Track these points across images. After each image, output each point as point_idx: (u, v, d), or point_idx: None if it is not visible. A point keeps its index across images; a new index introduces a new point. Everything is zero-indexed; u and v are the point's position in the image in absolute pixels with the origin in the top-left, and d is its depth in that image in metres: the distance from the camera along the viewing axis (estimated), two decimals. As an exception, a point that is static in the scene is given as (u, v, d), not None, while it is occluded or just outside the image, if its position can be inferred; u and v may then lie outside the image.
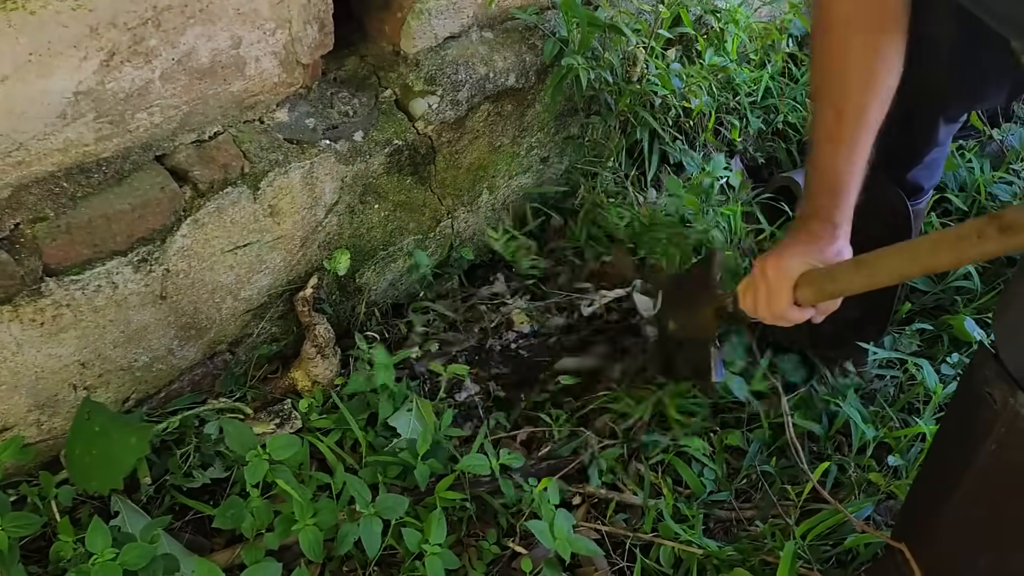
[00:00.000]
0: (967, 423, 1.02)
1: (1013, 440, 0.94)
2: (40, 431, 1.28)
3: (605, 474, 1.52)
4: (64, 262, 1.16)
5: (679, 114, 1.76)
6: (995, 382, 0.95)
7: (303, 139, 1.36)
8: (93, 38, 1.06)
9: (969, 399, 1.03)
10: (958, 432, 1.07)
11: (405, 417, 1.49)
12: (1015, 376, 0.92)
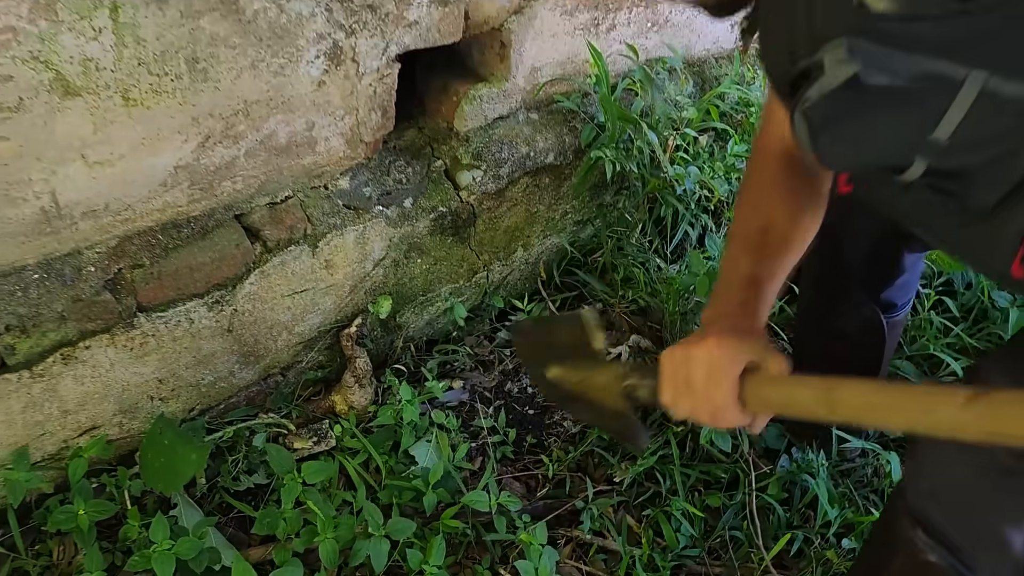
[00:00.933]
0: (879, 547, 1.16)
1: (912, 572, 1.08)
2: (121, 431, 1.54)
3: (596, 519, 1.71)
4: (153, 301, 1.41)
5: (701, 197, 1.93)
6: (903, 514, 1.09)
7: (359, 205, 1.59)
8: (193, 126, 1.30)
9: (884, 525, 1.16)
10: (872, 554, 1.21)
11: (424, 447, 1.71)
12: (914, 512, 1.07)
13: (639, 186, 1.84)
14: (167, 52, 1.19)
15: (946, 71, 0.71)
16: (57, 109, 1.15)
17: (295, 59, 1.33)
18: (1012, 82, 0.70)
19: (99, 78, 1.15)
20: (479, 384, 1.95)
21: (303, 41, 1.31)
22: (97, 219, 1.30)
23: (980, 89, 0.71)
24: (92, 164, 1.23)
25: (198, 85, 1.25)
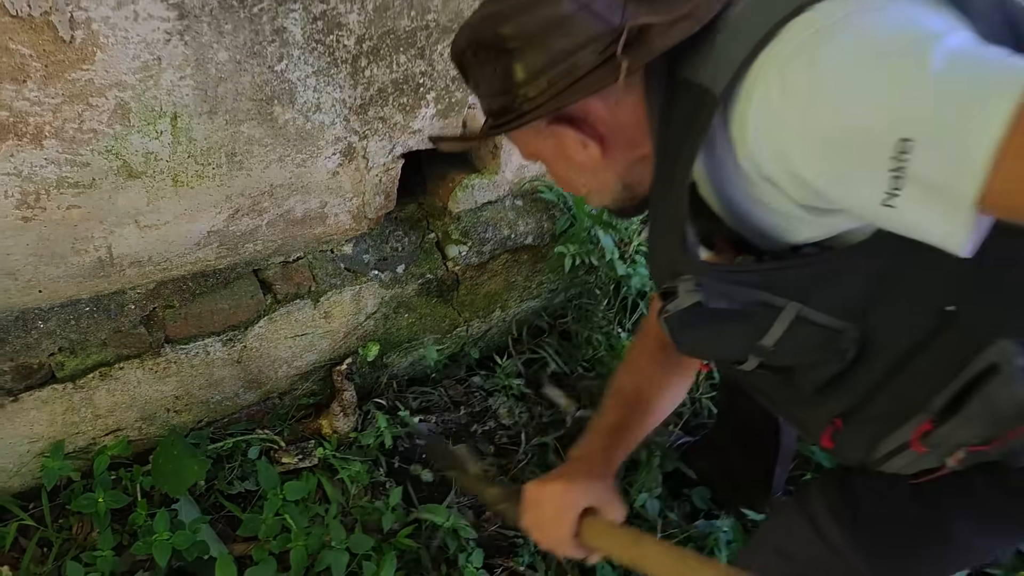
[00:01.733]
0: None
1: None
2: (140, 434, 1.85)
3: (532, 554, 1.99)
4: (179, 335, 1.72)
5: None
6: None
7: (358, 269, 1.89)
8: (227, 202, 1.60)
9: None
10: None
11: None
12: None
13: (603, 273, 2.13)
14: (212, 148, 1.49)
15: (770, 300, 0.99)
16: (120, 187, 1.45)
17: (315, 155, 1.62)
18: (819, 313, 0.97)
19: (156, 166, 1.46)
20: (449, 420, 2.24)
21: (323, 142, 1.61)
22: (141, 267, 1.61)
23: (796, 314, 0.98)
24: (143, 227, 1.54)
25: (234, 172, 1.55)
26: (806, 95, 0.74)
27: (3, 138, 1.27)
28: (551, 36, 0.97)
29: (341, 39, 1.45)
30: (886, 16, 0.73)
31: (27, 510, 1.78)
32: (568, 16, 0.96)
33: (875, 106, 0.69)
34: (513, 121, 1.01)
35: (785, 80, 0.76)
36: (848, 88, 0.71)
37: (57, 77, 1.24)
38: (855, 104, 0.70)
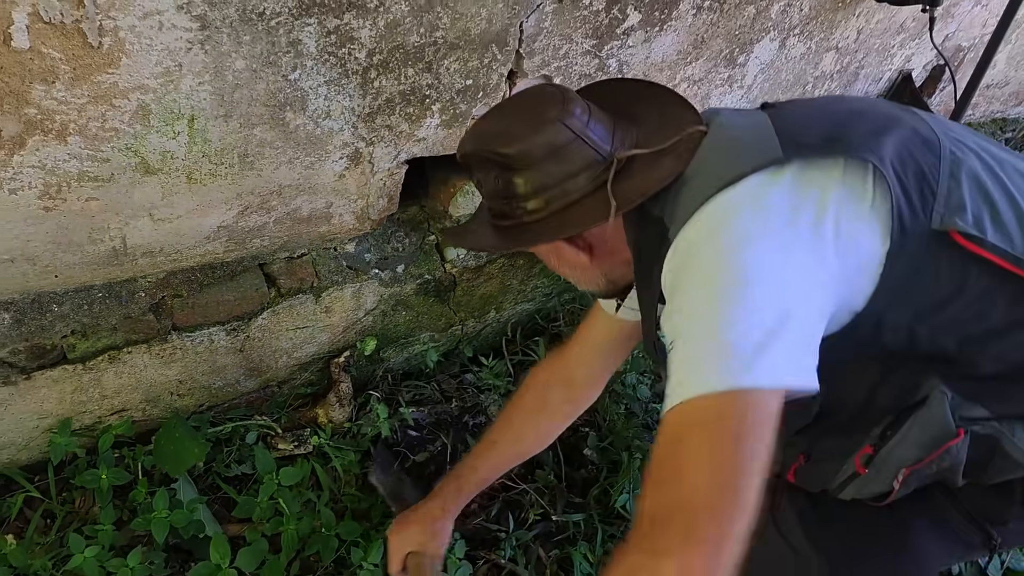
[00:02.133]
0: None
1: None
2: (143, 415, 1.93)
3: (514, 548, 2.08)
4: (185, 323, 1.80)
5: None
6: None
7: (359, 267, 1.96)
8: (237, 199, 1.68)
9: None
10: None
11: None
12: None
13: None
14: (225, 149, 1.57)
15: None
16: (137, 182, 1.53)
17: (323, 158, 1.70)
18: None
19: (172, 164, 1.53)
20: (443, 412, 2.32)
21: (331, 147, 1.68)
22: (153, 258, 1.69)
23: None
24: (156, 220, 1.62)
25: (245, 172, 1.63)
26: (678, 274, 1.03)
27: (30, 134, 1.34)
28: (549, 162, 1.16)
29: (353, 52, 1.52)
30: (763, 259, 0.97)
31: (33, 482, 1.86)
32: (564, 145, 1.16)
33: (687, 309, 0.99)
34: (523, 235, 1.21)
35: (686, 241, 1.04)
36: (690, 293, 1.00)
37: (84, 79, 1.31)
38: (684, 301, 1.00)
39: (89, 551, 1.69)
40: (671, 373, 0.96)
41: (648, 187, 1.12)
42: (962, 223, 1.02)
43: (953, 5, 2.42)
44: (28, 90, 1.29)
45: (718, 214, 1.02)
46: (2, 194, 1.40)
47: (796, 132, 1.08)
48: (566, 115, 1.16)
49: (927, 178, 1.05)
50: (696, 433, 0.90)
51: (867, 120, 1.11)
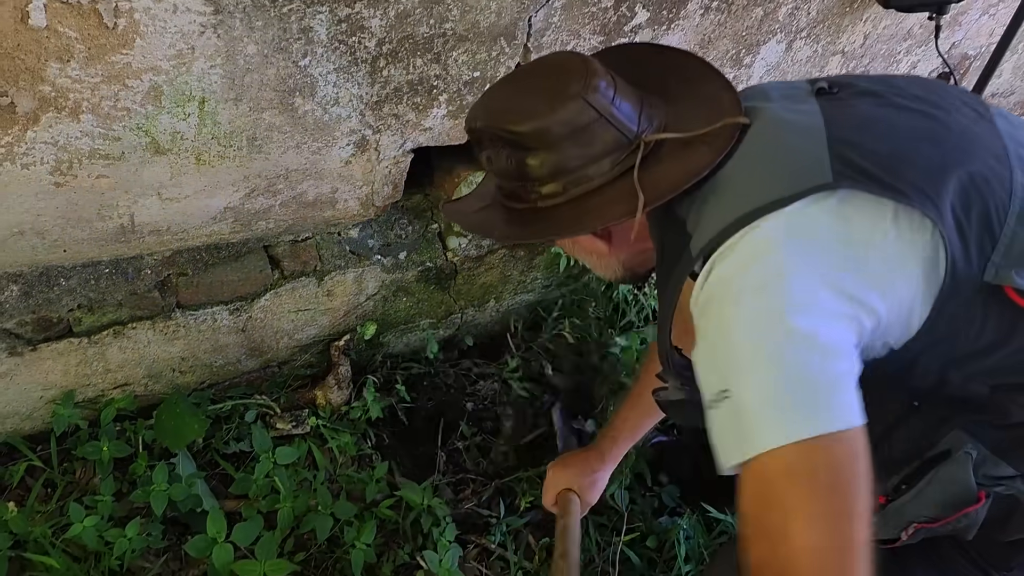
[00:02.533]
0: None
1: None
2: (145, 390, 1.97)
3: (504, 534, 2.11)
4: (189, 302, 1.83)
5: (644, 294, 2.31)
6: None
7: (362, 253, 1.99)
8: (244, 182, 1.71)
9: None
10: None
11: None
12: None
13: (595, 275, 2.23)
14: (234, 132, 1.59)
15: None
16: (147, 161, 1.56)
17: (330, 144, 1.72)
18: None
19: (181, 144, 1.56)
20: (442, 399, 2.35)
21: (339, 133, 1.71)
22: (160, 236, 1.72)
23: None
24: (164, 199, 1.65)
25: (253, 155, 1.66)
26: (725, 311, 0.93)
27: (44, 110, 1.37)
28: (568, 143, 1.04)
29: (363, 41, 1.55)
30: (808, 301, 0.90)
31: (35, 452, 1.90)
32: (586, 125, 1.03)
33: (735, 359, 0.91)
34: (536, 223, 1.11)
35: (725, 289, 0.94)
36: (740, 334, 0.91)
37: (98, 59, 1.34)
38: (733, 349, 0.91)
39: (88, 520, 1.72)
40: (729, 423, 0.90)
41: (679, 181, 1.01)
42: (1019, 279, 0.93)
43: (960, 13, 2.43)
44: (43, 68, 1.32)
45: (756, 251, 0.92)
46: (15, 169, 1.43)
47: (851, 146, 0.96)
48: (589, 90, 1.03)
49: (991, 223, 0.95)
50: (791, 488, 0.83)
51: (936, 146, 0.98)
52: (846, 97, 1.07)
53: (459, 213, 1.30)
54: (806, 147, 0.97)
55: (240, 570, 1.70)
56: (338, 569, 1.92)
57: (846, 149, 0.95)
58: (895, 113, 1.02)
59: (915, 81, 1.10)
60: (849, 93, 1.08)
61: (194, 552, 1.72)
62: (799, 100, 1.07)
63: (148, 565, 1.81)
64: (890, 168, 0.94)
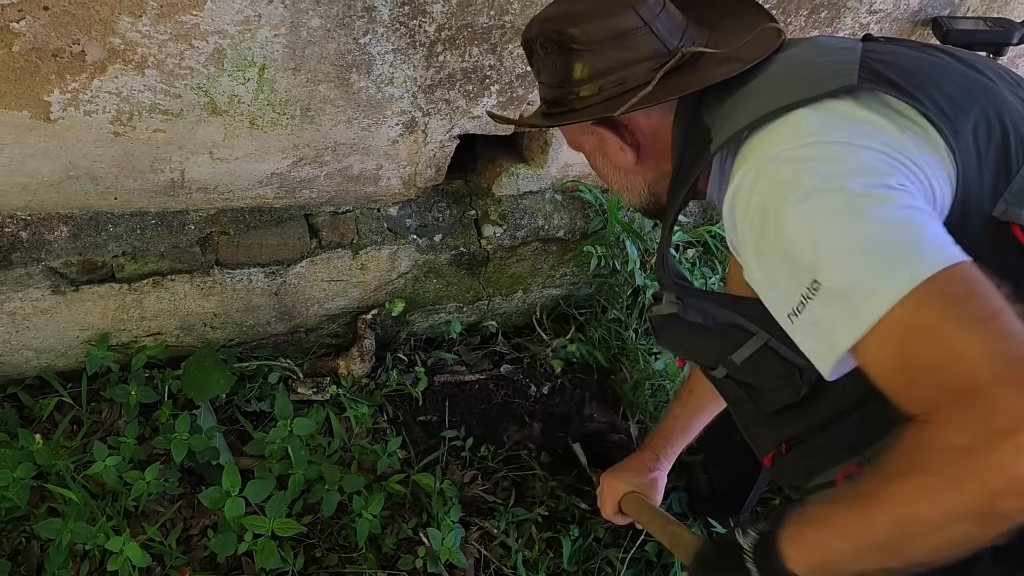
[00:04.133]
0: None
1: None
2: (176, 341, 2.03)
3: (509, 523, 2.14)
4: (228, 260, 1.88)
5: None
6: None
7: (399, 231, 2.03)
8: (293, 150, 1.75)
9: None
10: None
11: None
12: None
13: (623, 279, 2.25)
14: (289, 100, 1.64)
15: (744, 324, 1.12)
16: (203, 120, 1.61)
17: (380, 122, 1.76)
18: (784, 347, 1.10)
19: (238, 108, 1.61)
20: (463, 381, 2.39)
21: (389, 112, 1.75)
22: (207, 194, 1.77)
23: (764, 343, 1.11)
24: (215, 159, 1.70)
25: (305, 125, 1.70)
26: (770, 203, 0.88)
27: (112, 61, 1.42)
28: (611, 47, 1.10)
29: (423, 25, 1.58)
30: (860, 161, 0.85)
31: (66, 388, 1.97)
32: (630, 31, 1.09)
33: (810, 245, 0.84)
34: (565, 116, 1.14)
35: (759, 179, 0.90)
36: (799, 218, 0.85)
37: (169, 18, 1.39)
38: (799, 234, 0.85)
39: (111, 460, 1.78)
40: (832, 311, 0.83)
41: (709, 79, 1.04)
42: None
43: (1019, 56, 2.42)
44: (116, 20, 1.37)
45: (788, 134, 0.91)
46: (78, 114, 1.49)
47: (882, 63, 0.98)
48: (639, 2, 1.09)
49: (1009, 161, 0.94)
50: (933, 318, 0.76)
51: (965, 83, 0.99)
52: (895, 43, 1.10)
53: (504, 117, 1.36)
54: (838, 59, 1.00)
55: (249, 524, 1.76)
56: (343, 536, 1.97)
57: (876, 64, 0.98)
58: (933, 57, 1.05)
59: (965, 52, 1.11)
60: (898, 42, 1.11)
61: (207, 502, 1.77)
62: (846, 40, 1.11)
63: (162, 509, 1.87)
64: (915, 83, 0.95)
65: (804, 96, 0.93)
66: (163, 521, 1.85)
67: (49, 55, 1.37)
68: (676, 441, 1.73)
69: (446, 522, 1.99)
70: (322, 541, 1.95)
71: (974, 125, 0.93)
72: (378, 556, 1.96)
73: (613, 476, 1.74)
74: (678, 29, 1.12)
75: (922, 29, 2.13)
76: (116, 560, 1.67)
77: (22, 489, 1.73)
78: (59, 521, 1.70)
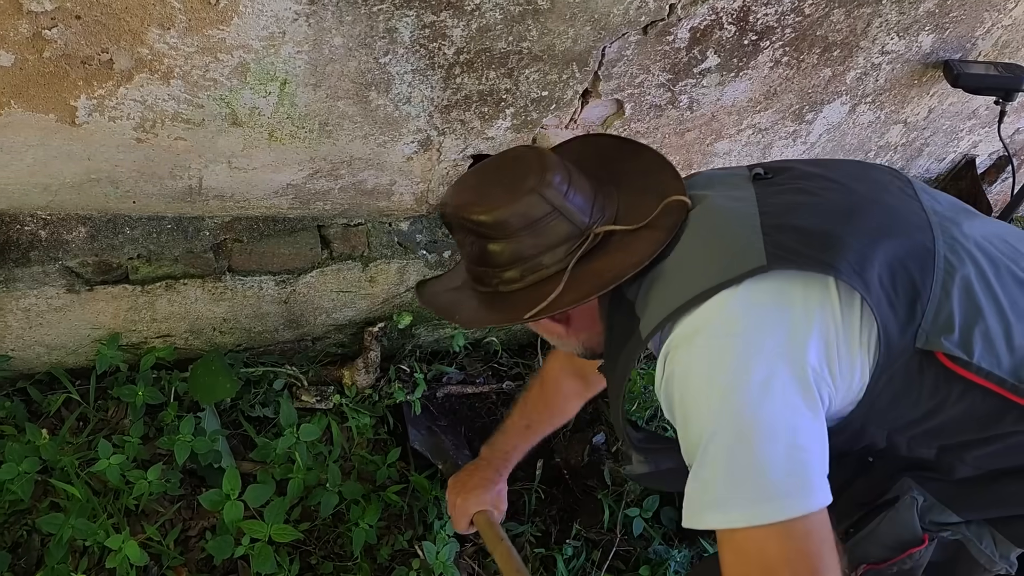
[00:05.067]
0: None
1: None
2: (185, 344, 2.06)
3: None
4: (240, 267, 1.92)
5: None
6: None
7: (408, 246, 2.07)
8: (309, 162, 1.79)
9: None
10: None
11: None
12: None
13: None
14: (309, 115, 1.67)
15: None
16: (224, 131, 1.64)
17: (395, 139, 1.80)
18: None
19: (258, 120, 1.65)
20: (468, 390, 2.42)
21: (405, 130, 1.78)
22: (222, 201, 1.81)
23: None
24: (233, 168, 1.73)
25: (322, 139, 1.74)
26: (689, 393, 0.99)
27: (139, 71, 1.46)
28: (524, 233, 1.14)
29: (442, 47, 1.62)
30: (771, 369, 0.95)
31: (75, 386, 2.00)
32: (540, 218, 1.13)
33: (706, 434, 0.95)
34: (495, 305, 1.20)
35: (685, 378, 1.00)
36: (704, 422, 0.97)
37: (196, 31, 1.43)
38: (702, 426, 0.97)
39: (115, 458, 1.81)
40: (704, 475, 0.95)
41: (623, 270, 1.09)
42: (948, 344, 0.99)
43: (1029, 101, 2.44)
44: (145, 32, 1.41)
45: (710, 331, 0.99)
46: (103, 120, 1.53)
47: (782, 229, 1.04)
48: (544, 185, 1.13)
49: (919, 293, 1.01)
50: (777, 559, 0.89)
51: (864, 222, 1.05)
52: (780, 182, 1.15)
53: (430, 292, 1.41)
54: (742, 233, 1.05)
55: (247, 528, 1.78)
56: (339, 544, 2.00)
57: (777, 232, 1.03)
58: (826, 194, 1.10)
59: (849, 163, 1.19)
60: (784, 178, 1.15)
61: (207, 504, 1.80)
62: (737, 187, 1.16)
63: (162, 510, 1.90)
64: (820, 245, 1.00)
65: (721, 279, 1.00)
66: (163, 521, 1.88)
67: (78, 62, 1.41)
68: (514, 459, 1.86)
69: (442, 536, 2.01)
70: (318, 548, 1.98)
71: (880, 273, 1.00)
72: (372, 566, 1.99)
73: (461, 493, 1.83)
74: (587, 203, 1.17)
75: (933, 71, 2.16)
76: (115, 558, 1.70)
77: (26, 483, 1.76)
78: (61, 516, 1.73)
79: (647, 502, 2.20)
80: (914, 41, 2.04)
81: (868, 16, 1.90)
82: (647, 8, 1.66)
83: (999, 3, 2.03)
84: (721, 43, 1.82)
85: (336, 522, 2.03)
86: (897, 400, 1.01)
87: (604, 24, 1.66)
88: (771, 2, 1.75)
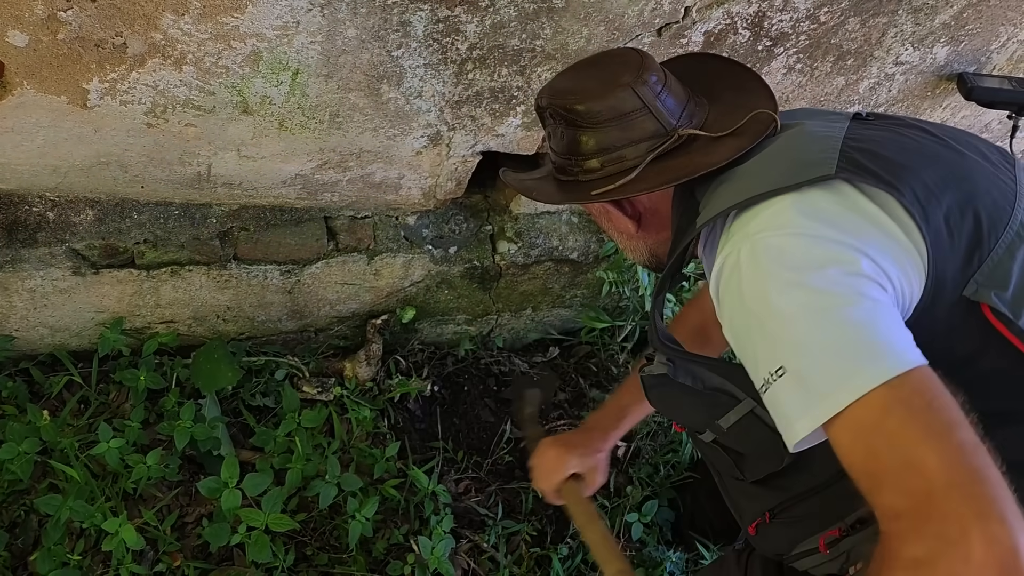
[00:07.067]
0: None
1: None
2: (188, 330, 2.06)
3: (499, 536, 2.16)
4: (246, 256, 1.92)
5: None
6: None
7: (415, 241, 2.07)
8: (319, 153, 1.79)
9: None
10: None
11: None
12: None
13: (635, 304, 2.28)
14: (319, 105, 1.67)
15: (731, 391, 1.15)
16: (234, 119, 1.64)
17: (405, 133, 1.80)
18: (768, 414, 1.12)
19: (269, 109, 1.65)
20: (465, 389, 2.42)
21: (415, 124, 1.78)
22: (230, 189, 1.81)
23: (750, 409, 1.14)
24: (242, 156, 1.74)
25: (332, 131, 1.74)
26: (747, 289, 0.95)
27: (152, 56, 1.47)
28: (613, 126, 1.17)
29: (456, 43, 1.62)
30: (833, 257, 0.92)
31: (77, 368, 2.00)
32: (630, 112, 1.16)
33: (780, 334, 0.91)
34: (571, 189, 1.23)
35: (741, 262, 0.97)
36: (773, 309, 0.92)
37: (210, 18, 1.43)
38: (771, 324, 0.92)
39: (114, 442, 1.81)
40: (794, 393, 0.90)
41: (698, 168, 1.11)
42: (997, 299, 0.97)
43: (1043, 116, 2.43)
44: (159, 17, 1.41)
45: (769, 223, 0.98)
46: (114, 104, 1.53)
47: (861, 151, 1.04)
48: (639, 82, 1.15)
49: (981, 243, 0.99)
50: (894, 425, 0.83)
51: (945, 168, 1.04)
52: (879, 125, 1.16)
53: (514, 177, 1.45)
54: (819, 148, 1.06)
55: (244, 517, 1.78)
56: (335, 536, 2.00)
57: (855, 153, 1.03)
58: (919, 140, 1.10)
59: (958, 129, 1.17)
60: (885, 123, 1.16)
61: (205, 491, 1.80)
62: (834, 121, 1.16)
63: (160, 495, 1.90)
64: (891, 171, 1.00)
65: (787, 183, 0.99)
66: (160, 506, 1.88)
67: (92, 45, 1.42)
68: (624, 426, 1.72)
69: (438, 531, 2.01)
70: (314, 539, 1.98)
71: (946, 211, 0.99)
72: (368, 559, 1.98)
73: (561, 448, 1.66)
74: (678, 107, 1.19)
75: (947, 83, 2.15)
76: (111, 541, 1.70)
77: (26, 463, 1.77)
78: (59, 498, 1.73)
79: (646, 507, 2.20)
80: (929, 53, 2.04)
81: (883, 26, 1.89)
82: (662, 10, 1.66)
83: (1015, 18, 2.02)
84: (735, 48, 1.81)
85: (332, 514, 2.03)
86: (932, 342, 0.93)
87: (618, 25, 1.66)
88: (787, 8, 1.75)
